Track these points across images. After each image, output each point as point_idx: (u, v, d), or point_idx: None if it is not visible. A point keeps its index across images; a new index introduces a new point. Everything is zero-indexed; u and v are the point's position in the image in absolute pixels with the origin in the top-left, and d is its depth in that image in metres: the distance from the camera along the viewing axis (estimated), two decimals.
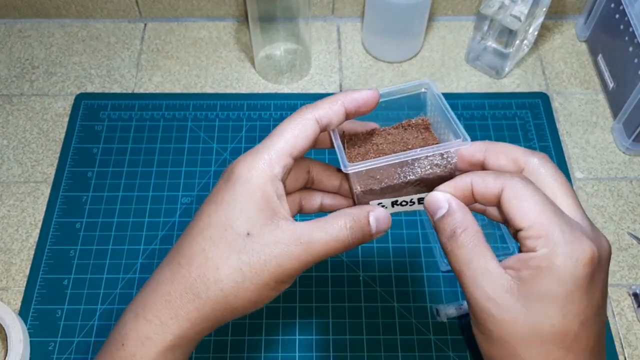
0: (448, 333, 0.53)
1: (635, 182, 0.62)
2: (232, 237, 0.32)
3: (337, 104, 0.34)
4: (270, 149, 0.33)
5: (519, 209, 0.30)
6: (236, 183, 0.32)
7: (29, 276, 0.56)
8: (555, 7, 0.74)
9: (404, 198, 0.37)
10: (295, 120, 0.33)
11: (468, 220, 0.32)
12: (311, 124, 0.33)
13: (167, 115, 0.67)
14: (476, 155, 0.34)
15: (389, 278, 0.56)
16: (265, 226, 0.32)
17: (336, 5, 0.74)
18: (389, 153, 0.36)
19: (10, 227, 0.60)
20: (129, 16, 0.75)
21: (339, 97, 0.34)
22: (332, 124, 0.34)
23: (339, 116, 0.34)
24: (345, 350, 0.52)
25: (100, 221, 0.59)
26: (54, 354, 0.52)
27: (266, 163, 0.33)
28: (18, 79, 0.70)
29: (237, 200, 0.32)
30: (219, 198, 0.33)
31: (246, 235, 0.32)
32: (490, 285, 0.30)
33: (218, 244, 0.32)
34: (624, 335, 0.53)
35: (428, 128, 0.39)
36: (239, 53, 0.73)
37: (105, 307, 0.55)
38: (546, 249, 0.29)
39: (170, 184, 0.62)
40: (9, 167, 0.64)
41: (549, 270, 0.29)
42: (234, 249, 0.32)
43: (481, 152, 0.34)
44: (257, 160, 0.33)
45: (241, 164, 0.33)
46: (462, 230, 0.31)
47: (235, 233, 0.32)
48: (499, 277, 0.30)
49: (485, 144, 0.34)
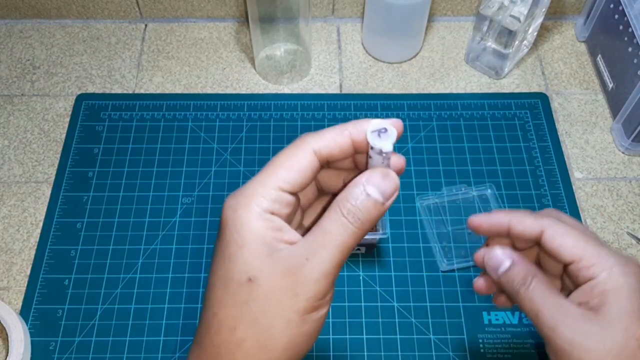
0: (448, 333, 0.53)
1: (634, 182, 0.63)
2: (235, 290, 0.28)
3: (342, 135, 0.30)
4: (256, 184, 0.29)
5: (564, 245, 0.33)
6: (226, 229, 0.29)
7: (30, 276, 0.56)
8: (555, 8, 0.74)
9: None
10: (290, 151, 0.30)
11: (534, 268, 0.34)
12: (307, 156, 0.30)
13: (168, 116, 0.67)
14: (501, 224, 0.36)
15: (389, 278, 0.56)
16: (265, 265, 0.28)
17: (336, 6, 0.74)
18: None
19: (11, 227, 0.60)
20: (129, 17, 0.75)
21: (347, 127, 0.30)
22: (335, 157, 0.30)
23: (344, 149, 0.30)
24: (345, 350, 0.52)
25: (101, 221, 0.60)
26: (55, 353, 0.52)
27: (252, 200, 0.29)
28: (19, 79, 0.71)
29: (230, 247, 0.29)
30: (217, 251, 0.30)
31: (248, 282, 0.28)
32: (570, 318, 0.32)
33: (225, 302, 0.29)
34: None
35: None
36: (239, 53, 0.73)
37: (106, 306, 0.55)
38: (605, 273, 0.32)
39: (170, 184, 0.62)
40: (10, 167, 0.64)
41: (617, 290, 0.31)
42: (241, 302, 0.28)
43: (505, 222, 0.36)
44: (242, 199, 0.29)
45: (227, 207, 0.30)
46: (532, 276, 0.34)
47: (236, 284, 0.28)
48: (575, 310, 0.32)
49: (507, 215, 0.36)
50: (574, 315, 0.32)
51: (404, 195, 0.60)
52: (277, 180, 0.29)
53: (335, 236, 0.29)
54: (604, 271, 0.32)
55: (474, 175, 0.62)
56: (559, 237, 0.33)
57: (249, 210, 0.28)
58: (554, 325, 0.32)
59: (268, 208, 0.29)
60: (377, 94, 0.69)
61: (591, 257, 0.32)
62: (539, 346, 0.52)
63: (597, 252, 0.33)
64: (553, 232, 0.34)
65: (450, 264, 0.56)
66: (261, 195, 0.29)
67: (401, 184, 0.30)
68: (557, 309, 0.32)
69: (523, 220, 0.35)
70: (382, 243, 0.58)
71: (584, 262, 0.33)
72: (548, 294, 0.33)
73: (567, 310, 0.32)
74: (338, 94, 0.69)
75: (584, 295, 0.33)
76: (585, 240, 0.33)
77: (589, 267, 0.32)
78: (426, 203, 0.60)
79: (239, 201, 0.29)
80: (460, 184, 0.61)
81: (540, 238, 0.34)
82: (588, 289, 0.32)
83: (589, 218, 0.60)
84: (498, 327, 0.53)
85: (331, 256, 0.28)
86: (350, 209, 0.29)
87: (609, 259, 0.32)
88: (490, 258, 0.35)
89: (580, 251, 0.33)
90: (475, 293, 0.38)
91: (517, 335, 0.53)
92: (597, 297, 0.32)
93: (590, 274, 0.32)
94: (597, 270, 0.32)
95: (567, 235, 0.33)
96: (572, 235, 0.33)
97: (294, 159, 0.29)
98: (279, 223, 0.29)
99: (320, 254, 0.28)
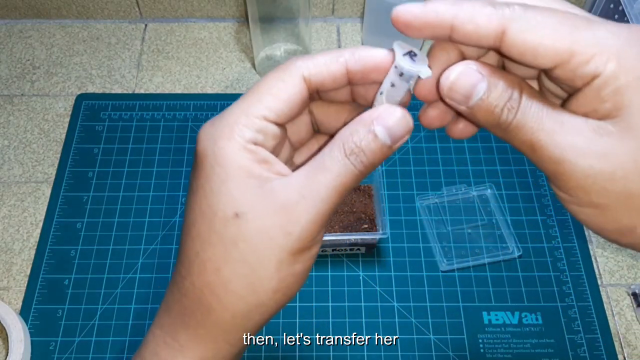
0: (448, 333, 0.53)
1: None
2: (220, 226, 0.25)
3: (337, 62, 0.26)
4: (238, 111, 0.26)
5: (542, 40, 0.23)
6: (205, 161, 0.26)
7: (30, 276, 0.56)
8: None
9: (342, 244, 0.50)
10: (277, 75, 0.26)
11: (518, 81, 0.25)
12: (297, 82, 0.26)
13: (168, 116, 0.67)
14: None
15: (389, 278, 0.56)
16: (254, 197, 0.25)
17: (336, 6, 0.74)
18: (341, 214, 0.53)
19: (11, 227, 0.60)
20: (129, 17, 0.75)
21: (343, 54, 0.27)
22: (327, 86, 0.27)
23: (337, 79, 0.27)
24: (345, 350, 0.52)
25: (100, 221, 0.60)
26: (55, 353, 0.52)
27: (234, 129, 0.25)
28: (19, 79, 0.71)
29: (212, 181, 0.26)
30: (196, 186, 0.26)
31: (235, 217, 0.25)
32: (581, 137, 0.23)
33: (209, 241, 0.26)
34: (623, 335, 0.54)
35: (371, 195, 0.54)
36: (239, 53, 0.73)
37: (106, 306, 0.55)
38: (612, 64, 0.22)
39: (170, 184, 0.62)
40: (10, 167, 0.64)
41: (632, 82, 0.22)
42: (228, 239, 0.25)
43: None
44: (222, 128, 0.26)
45: (205, 136, 0.26)
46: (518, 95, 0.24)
47: (222, 220, 0.25)
48: (584, 124, 0.23)
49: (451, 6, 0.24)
50: (587, 134, 0.23)
51: (404, 195, 0.60)
52: (261, 109, 0.26)
53: (335, 175, 0.25)
54: (610, 61, 0.22)
55: (474, 175, 0.62)
56: (530, 31, 0.23)
57: (230, 141, 0.25)
58: (562, 153, 0.23)
59: (252, 139, 0.25)
60: None
61: (587, 46, 0.22)
62: (539, 346, 0.52)
63: (592, 36, 0.22)
64: (520, 26, 0.23)
65: (450, 264, 0.56)
66: (244, 124, 0.25)
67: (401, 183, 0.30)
68: (561, 132, 0.23)
69: (474, 15, 0.23)
70: (382, 243, 0.58)
71: (578, 56, 0.22)
72: (544, 114, 0.24)
73: (576, 129, 0.23)
74: None
75: (589, 102, 0.23)
76: (570, 24, 0.23)
77: (587, 61, 0.22)
78: (426, 203, 0.60)
79: (218, 130, 0.26)
80: (460, 184, 0.61)
81: (501, 40, 0.23)
82: (593, 92, 0.23)
83: None
84: (498, 327, 0.53)
85: (329, 196, 0.25)
86: (354, 149, 0.25)
87: (613, 41, 0.22)
88: (456, 82, 0.24)
89: (567, 44, 0.22)
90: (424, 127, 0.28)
91: (517, 335, 0.53)
92: (608, 100, 0.22)
93: (591, 70, 0.22)
94: (599, 62, 0.22)
95: (542, 25, 0.23)
96: (550, 24, 0.23)
97: (282, 85, 0.26)
98: (265, 154, 0.26)
99: (319, 192, 0.25)
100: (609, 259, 0.58)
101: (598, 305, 0.55)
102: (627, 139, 0.22)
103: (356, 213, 0.55)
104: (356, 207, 0.55)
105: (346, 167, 0.25)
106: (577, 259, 0.57)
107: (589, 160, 0.23)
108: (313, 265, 0.28)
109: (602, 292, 0.56)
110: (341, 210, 0.55)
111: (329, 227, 0.54)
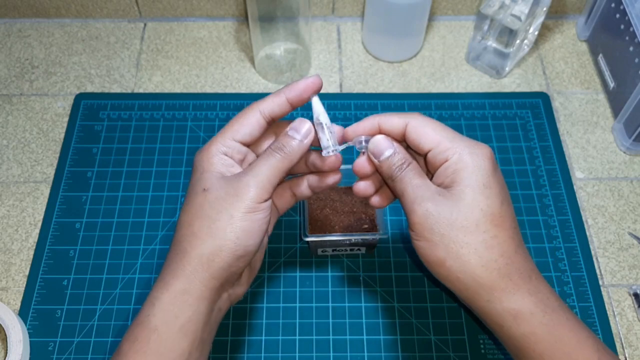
0: (448, 333, 0.53)
1: (635, 182, 0.62)
2: (194, 198, 0.40)
3: (278, 96, 0.41)
4: (217, 136, 0.41)
5: (424, 134, 0.39)
6: (196, 171, 0.41)
7: (29, 276, 0.56)
8: (556, 7, 0.74)
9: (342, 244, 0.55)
10: (242, 113, 0.41)
11: (410, 157, 0.41)
12: (254, 113, 0.41)
13: (167, 115, 0.67)
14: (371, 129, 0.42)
15: (389, 278, 0.56)
16: (217, 180, 0.39)
17: (336, 5, 0.74)
18: (341, 214, 0.54)
19: (9, 227, 0.60)
20: (128, 16, 0.75)
21: (282, 90, 0.41)
22: (276, 113, 0.41)
23: (282, 106, 0.41)
24: (345, 350, 0.52)
25: (100, 221, 0.59)
26: (54, 354, 0.52)
27: (212, 147, 0.41)
28: (18, 78, 0.70)
29: (197, 175, 0.41)
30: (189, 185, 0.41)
31: (203, 191, 0.39)
32: (428, 194, 0.38)
33: (187, 209, 0.40)
34: (624, 335, 0.53)
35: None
36: (239, 53, 0.73)
37: (105, 307, 0.54)
38: (456, 155, 0.38)
39: (170, 184, 0.62)
40: (9, 167, 0.64)
41: (464, 168, 0.38)
42: (197, 205, 0.39)
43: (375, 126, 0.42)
44: (206, 147, 0.41)
45: (197, 155, 0.42)
46: (408, 162, 0.40)
47: (196, 194, 0.40)
48: (433, 188, 0.39)
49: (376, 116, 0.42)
50: (431, 192, 0.38)
51: None
52: (231, 133, 0.41)
53: (265, 160, 0.40)
54: (455, 154, 0.38)
55: None
56: (420, 127, 0.39)
57: (209, 153, 0.40)
58: (414, 199, 0.38)
59: (223, 151, 0.40)
60: (378, 94, 0.69)
61: (446, 142, 0.38)
62: None
63: (451, 138, 0.39)
64: (415, 123, 0.40)
65: None
66: (219, 142, 0.41)
67: None
68: (419, 187, 0.39)
69: (390, 118, 0.41)
70: (382, 243, 0.58)
71: (440, 147, 0.39)
72: (416, 176, 0.39)
73: (426, 188, 0.39)
74: (338, 93, 0.69)
75: (440, 176, 0.39)
76: (442, 129, 0.39)
77: (444, 151, 0.38)
78: None
79: (204, 149, 0.41)
80: None
81: (405, 129, 0.40)
82: (443, 170, 0.39)
83: (590, 218, 0.60)
84: None
85: (262, 171, 0.39)
86: (276, 145, 0.40)
87: (460, 144, 0.38)
88: (377, 145, 0.41)
89: (437, 138, 0.39)
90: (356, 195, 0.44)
91: None
92: (449, 176, 0.38)
93: (444, 157, 0.38)
94: (450, 153, 0.38)
95: (427, 125, 0.39)
96: (431, 126, 0.39)
97: (244, 117, 0.41)
98: (230, 162, 0.41)
99: (254, 169, 0.39)
100: (611, 260, 0.58)
101: (599, 306, 0.54)
102: (453, 200, 0.37)
103: (356, 213, 0.55)
104: (356, 207, 0.55)
105: (272, 155, 0.40)
106: (579, 259, 0.57)
107: (426, 206, 0.38)
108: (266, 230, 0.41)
109: (604, 293, 0.55)
110: (341, 211, 0.55)
111: (330, 227, 0.54)
